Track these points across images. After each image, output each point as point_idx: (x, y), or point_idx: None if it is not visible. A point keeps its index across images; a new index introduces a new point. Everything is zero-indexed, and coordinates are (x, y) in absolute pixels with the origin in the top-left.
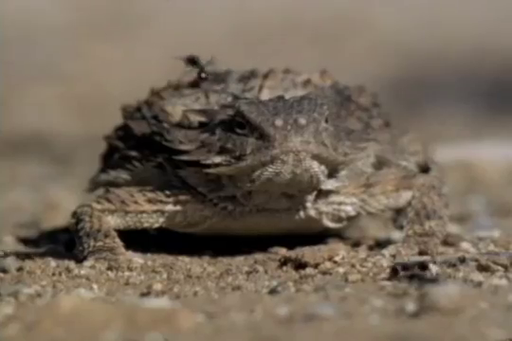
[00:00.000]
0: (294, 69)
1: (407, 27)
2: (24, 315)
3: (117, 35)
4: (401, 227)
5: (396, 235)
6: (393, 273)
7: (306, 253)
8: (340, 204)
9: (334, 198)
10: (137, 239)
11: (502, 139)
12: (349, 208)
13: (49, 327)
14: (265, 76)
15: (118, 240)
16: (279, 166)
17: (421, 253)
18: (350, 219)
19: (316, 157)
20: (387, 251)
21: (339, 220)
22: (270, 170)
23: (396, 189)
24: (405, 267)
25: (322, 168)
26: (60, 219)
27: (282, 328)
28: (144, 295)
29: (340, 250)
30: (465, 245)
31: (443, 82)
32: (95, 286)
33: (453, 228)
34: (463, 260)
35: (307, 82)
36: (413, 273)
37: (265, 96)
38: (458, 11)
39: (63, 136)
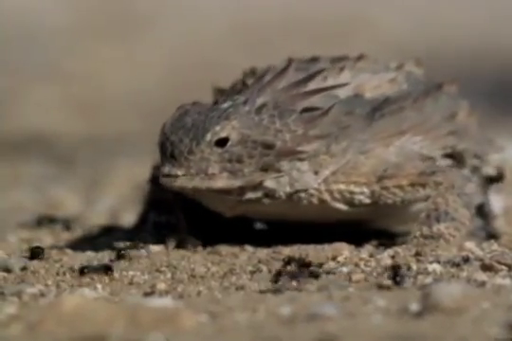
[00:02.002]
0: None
1: (408, 27)
2: (27, 315)
3: (119, 35)
4: None
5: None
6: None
7: (310, 252)
8: (351, 193)
9: (341, 186)
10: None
11: (504, 139)
12: (361, 197)
13: (52, 326)
14: (358, 58)
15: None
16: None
17: (417, 254)
18: (368, 206)
19: (194, 190)
20: (386, 252)
21: (353, 205)
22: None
23: (411, 184)
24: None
25: (222, 194)
26: (62, 219)
27: (285, 328)
28: (148, 294)
29: (344, 250)
30: (468, 245)
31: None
32: (99, 286)
33: None
34: (466, 260)
35: (399, 67)
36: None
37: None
38: (459, 11)
39: (65, 136)
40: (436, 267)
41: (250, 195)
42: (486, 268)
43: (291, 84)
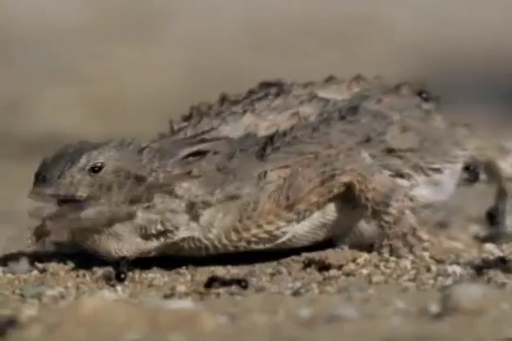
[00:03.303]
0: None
1: (424, 28)
2: (46, 317)
3: (136, 36)
4: None
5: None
6: None
7: (330, 254)
8: (269, 232)
9: (254, 231)
10: None
11: None
12: (282, 230)
13: (72, 328)
14: (277, 95)
15: None
16: None
17: (405, 245)
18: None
19: (64, 221)
20: (386, 252)
21: (277, 238)
22: None
23: (322, 196)
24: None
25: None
26: None
27: (304, 329)
28: (167, 296)
29: (364, 251)
30: (488, 247)
31: (462, 83)
32: (119, 288)
33: (476, 229)
34: (486, 262)
35: (314, 97)
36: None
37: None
38: (474, 11)
39: (82, 137)
40: (456, 269)
41: (122, 228)
42: (506, 270)
43: (188, 135)
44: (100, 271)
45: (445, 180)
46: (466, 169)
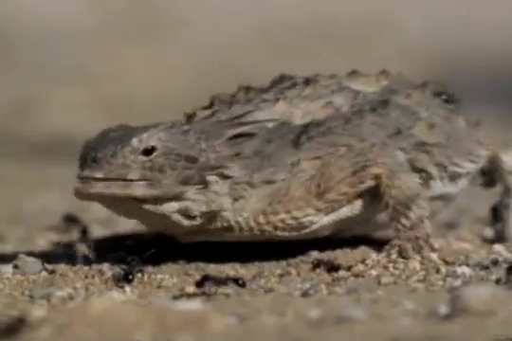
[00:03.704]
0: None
1: (432, 29)
2: (55, 318)
3: (144, 37)
4: None
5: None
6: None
7: (339, 255)
8: (297, 219)
9: (282, 216)
10: (170, 241)
11: None
12: (309, 218)
13: (80, 329)
14: (307, 83)
15: None
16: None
17: (419, 252)
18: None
19: (112, 197)
20: (394, 253)
21: (303, 228)
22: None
23: (352, 187)
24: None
25: (142, 203)
26: (90, 221)
27: (312, 330)
28: (176, 297)
29: (373, 252)
30: (497, 248)
31: (471, 84)
32: (127, 289)
33: (486, 231)
34: (495, 263)
35: (345, 88)
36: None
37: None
38: (485, 11)
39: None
40: (465, 270)
41: (165, 207)
42: None
43: (220, 119)
44: (108, 272)
45: (463, 178)
46: (483, 173)
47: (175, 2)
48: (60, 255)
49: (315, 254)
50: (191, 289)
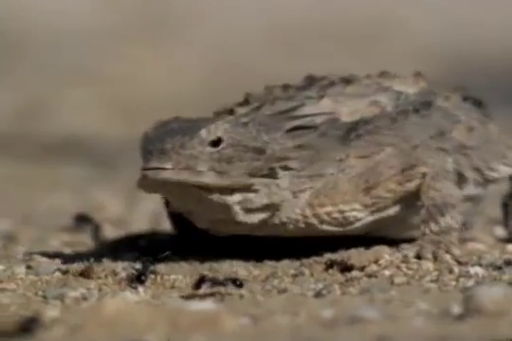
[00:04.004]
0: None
1: (439, 29)
2: (69, 318)
3: (156, 38)
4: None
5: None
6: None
7: (352, 256)
8: (342, 212)
9: (328, 208)
10: (183, 241)
11: None
12: (354, 213)
13: (94, 330)
14: (348, 82)
15: None
16: (155, 191)
17: (434, 253)
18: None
19: (180, 184)
20: (411, 252)
21: (348, 224)
22: (155, 193)
23: (400, 184)
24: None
25: (203, 193)
26: (102, 221)
27: (326, 330)
28: (189, 298)
29: (386, 252)
30: (510, 248)
31: (480, 85)
32: (140, 289)
33: (498, 230)
34: (508, 263)
35: (387, 89)
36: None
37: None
38: (492, 12)
39: (104, 139)
40: (478, 270)
41: (232, 198)
42: None
43: (275, 112)
44: (122, 273)
45: (494, 181)
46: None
47: (187, 2)
48: (73, 255)
49: (328, 254)
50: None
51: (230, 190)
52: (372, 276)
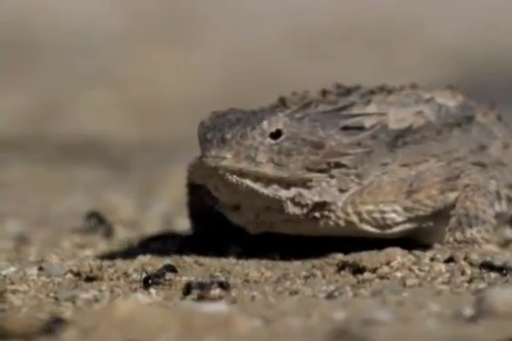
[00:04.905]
0: (422, 85)
1: (463, 31)
2: (81, 320)
3: (173, 40)
4: None
5: None
6: None
7: (364, 257)
8: (382, 212)
9: (369, 207)
10: (198, 242)
11: None
12: (393, 215)
13: (106, 332)
14: (389, 92)
15: None
16: (209, 180)
17: (450, 259)
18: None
19: (238, 173)
20: (429, 254)
21: (384, 226)
22: (209, 182)
23: (442, 192)
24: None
25: (259, 184)
26: (115, 223)
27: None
28: (201, 299)
29: (398, 254)
30: None
31: (501, 88)
32: (153, 291)
33: (508, 231)
34: None
35: (429, 100)
36: None
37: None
38: (511, 15)
39: (119, 141)
40: (490, 272)
41: (286, 192)
42: None
43: (328, 110)
44: (134, 274)
45: None
46: None
47: (205, 5)
48: (85, 257)
49: (340, 256)
50: (216, 291)
51: (286, 184)
52: (384, 277)
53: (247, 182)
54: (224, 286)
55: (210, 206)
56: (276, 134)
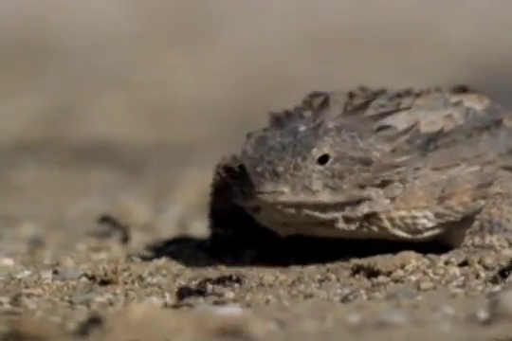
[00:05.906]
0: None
1: (477, 33)
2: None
3: (187, 42)
4: None
5: None
6: None
7: (378, 261)
8: (414, 218)
9: (402, 212)
10: (211, 247)
11: None
12: (424, 221)
13: (120, 335)
14: (417, 95)
15: None
16: (264, 213)
17: (464, 262)
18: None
19: (297, 205)
20: (443, 258)
21: (415, 232)
22: (263, 215)
23: (473, 199)
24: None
25: (317, 212)
26: (130, 226)
27: (353, 335)
28: (216, 302)
29: (412, 258)
30: None
31: None
32: (167, 294)
33: None
34: None
35: (458, 104)
36: None
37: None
38: None
39: (133, 144)
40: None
41: (342, 213)
42: None
43: (352, 111)
44: (148, 278)
45: None
46: None
47: (220, 7)
48: (100, 260)
49: (354, 259)
50: (231, 294)
51: (342, 205)
52: (398, 281)
53: (306, 211)
54: (238, 280)
55: (231, 208)
56: (323, 159)
